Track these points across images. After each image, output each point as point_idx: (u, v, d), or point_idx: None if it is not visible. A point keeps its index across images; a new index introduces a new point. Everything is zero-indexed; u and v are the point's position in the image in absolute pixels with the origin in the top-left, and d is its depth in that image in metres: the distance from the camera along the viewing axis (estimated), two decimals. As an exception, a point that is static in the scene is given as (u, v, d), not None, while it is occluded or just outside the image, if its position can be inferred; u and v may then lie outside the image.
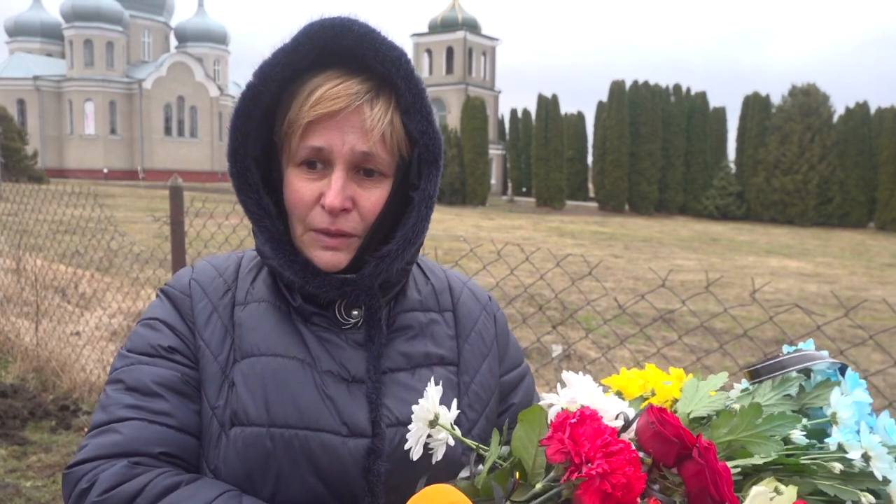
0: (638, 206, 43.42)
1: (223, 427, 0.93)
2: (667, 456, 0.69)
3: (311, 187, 0.94)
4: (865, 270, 16.60)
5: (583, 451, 0.65)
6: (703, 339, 6.86)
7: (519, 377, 1.14)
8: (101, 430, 0.92)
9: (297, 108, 0.93)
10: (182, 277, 1.05)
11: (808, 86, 41.95)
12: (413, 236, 0.97)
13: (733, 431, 0.75)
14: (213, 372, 0.96)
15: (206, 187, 39.50)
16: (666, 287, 2.33)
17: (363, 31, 0.92)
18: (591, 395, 0.78)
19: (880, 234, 35.30)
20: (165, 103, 55.40)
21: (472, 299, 1.13)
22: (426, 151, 0.95)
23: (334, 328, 0.99)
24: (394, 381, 0.98)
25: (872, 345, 6.74)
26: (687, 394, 0.84)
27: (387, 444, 0.93)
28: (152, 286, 5.53)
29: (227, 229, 4.15)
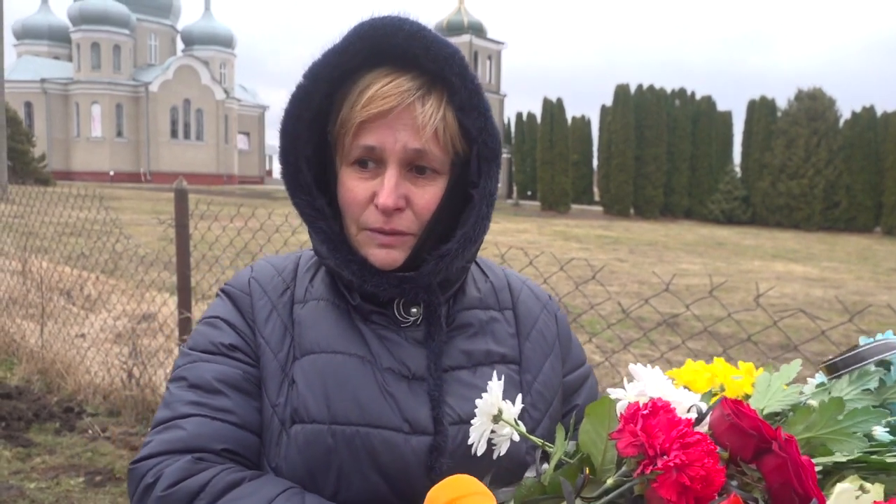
0: (643, 210, 43.35)
1: (284, 424, 0.93)
2: (744, 450, 0.65)
3: (364, 186, 0.93)
4: (872, 275, 16.53)
5: (657, 443, 0.62)
6: (707, 344, 6.84)
7: (582, 377, 1.13)
8: (164, 426, 0.93)
9: (348, 107, 0.93)
10: (242, 276, 1.06)
11: (815, 90, 41.84)
12: (474, 235, 0.96)
13: (812, 428, 0.71)
14: (273, 369, 0.96)
15: (212, 190, 39.58)
16: (670, 291, 2.32)
17: (414, 29, 0.91)
18: (661, 388, 0.75)
19: (887, 238, 35.15)
20: (171, 106, 55.58)
21: (531, 298, 1.12)
22: (485, 148, 0.94)
23: (393, 326, 0.99)
24: (455, 378, 0.97)
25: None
26: (759, 389, 0.81)
27: (449, 441, 0.93)
28: (157, 288, 5.54)
29: (231, 232, 4.16)
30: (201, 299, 4.67)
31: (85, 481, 3.75)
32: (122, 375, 4.75)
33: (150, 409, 4.51)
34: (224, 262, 4.49)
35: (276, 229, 3.84)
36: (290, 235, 3.86)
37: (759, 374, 0.84)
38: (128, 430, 4.38)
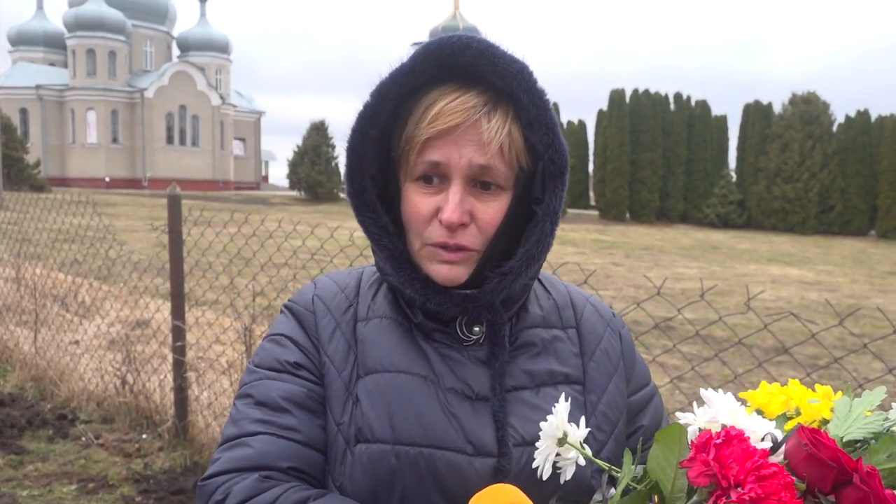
0: (639, 214, 43.40)
1: (348, 443, 0.93)
2: (823, 481, 0.63)
3: (428, 202, 0.93)
4: (867, 279, 16.56)
5: (731, 474, 0.60)
6: (703, 348, 6.84)
7: (647, 398, 1.10)
8: (232, 443, 0.94)
9: (413, 124, 0.93)
10: (305, 294, 1.06)
11: (809, 94, 41.96)
12: (537, 253, 0.94)
13: (895, 458, 0.68)
14: (337, 388, 0.96)
15: (208, 196, 39.56)
16: (661, 295, 2.32)
17: (482, 47, 0.91)
18: (734, 415, 0.72)
19: (881, 242, 35.24)
20: (167, 112, 55.54)
21: (595, 316, 1.10)
22: (552, 164, 0.93)
23: (456, 345, 0.98)
24: (518, 399, 0.96)
25: (873, 353, 6.73)
26: (839, 414, 0.77)
27: (514, 463, 0.91)
28: (151, 295, 5.53)
29: (224, 237, 4.15)
30: (195, 305, 4.66)
31: (77, 489, 3.73)
32: (116, 382, 4.73)
33: (143, 415, 4.50)
34: (217, 267, 4.48)
35: (270, 235, 3.83)
36: (283, 241, 3.85)
37: (837, 397, 0.81)
38: (121, 436, 4.37)
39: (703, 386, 3.07)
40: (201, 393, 4.31)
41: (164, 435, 4.23)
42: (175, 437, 4.20)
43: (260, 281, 4.21)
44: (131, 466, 3.97)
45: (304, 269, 3.87)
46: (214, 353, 4.55)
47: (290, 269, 3.97)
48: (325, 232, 3.71)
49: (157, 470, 3.94)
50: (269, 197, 48.62)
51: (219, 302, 4.97)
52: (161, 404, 4.51)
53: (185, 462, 4.01)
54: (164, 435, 4.23)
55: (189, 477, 3.86)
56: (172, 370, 4.25)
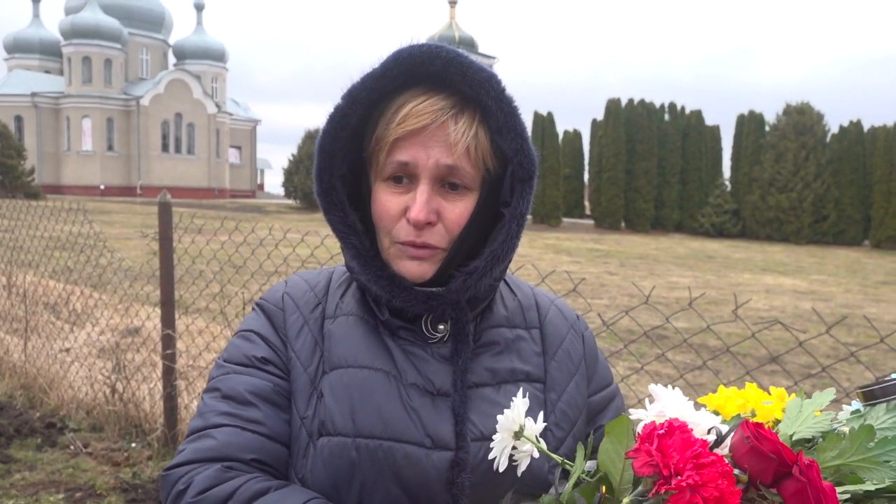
0: (634, 223, 43.51)
1: (311, 437, 0.96)
2: (764, 473, 0.65)
3: (396, 201, 0.96)
4: (860, 288, 16.61)
5: (671, 463, 0.63)
6: (696, 357, 6.84)
7: (608, 398, 1.13)
8: (197, 435, 0.96)
9: (383, 125, 0.96)
10: (276, 291, 1.09)
11: (803, 104, 42.21)
12: (502, 253, 0.97)
13: (842, 455, 0.71)
14: (302, 383, 0.99)
15: (203, 204, 39.54)
16: (652, 304, 2.33)
17: (450, 56, 0.94)
18: (680, 409, 0.76)
19: (875, 251, 35.37)
20: (163, 120, 55.56)
21: (559, 317, 1.13)
22: (520, 169, 0.96)
23: (420, 342, 1.01)
24: (479, 395, 0.99)
25: (867, 362, 6.73)
26: (790, 414, 0.80)
27: (471, 457, 0.94)
28: (142, 302, 5.51)
29: (215, 245, 4.14)
30: (185, 313, 4.65)
31: (65, 498, 3.70)
32: (106, 390, 4.70)
33: (133, 424, 4.47)
34: (208, 275, 4.46)
35: (261, 242, 3.82)
36: (273, 249, 3.84)
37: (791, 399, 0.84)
38: (110, 445, 4.33)
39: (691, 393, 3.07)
40: (191, 401, 4.28)
41: (154, 444, 4.20)
42: (164, 446, 4.17)
43: (250, 288, 4.20)
44: (120, 475, 3.94)
45: (295, 277, 3.86)
46: (205, 361, 4.53)
47: (281, 276, 3.95)
48: (317, 239, 3.70)
49: (145, 479, 3.91)
50: (264, 205, 48.63)
51: (209, 309, 4.96)
52: (151, 413, 4.48)
53: (174, 471, 3.98)
54: (153, 444, 4.20)
55: (178, 486, 3.83)
56: (162, 378, 4.23)
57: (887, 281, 18.99)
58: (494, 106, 0.94)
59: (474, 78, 0.93)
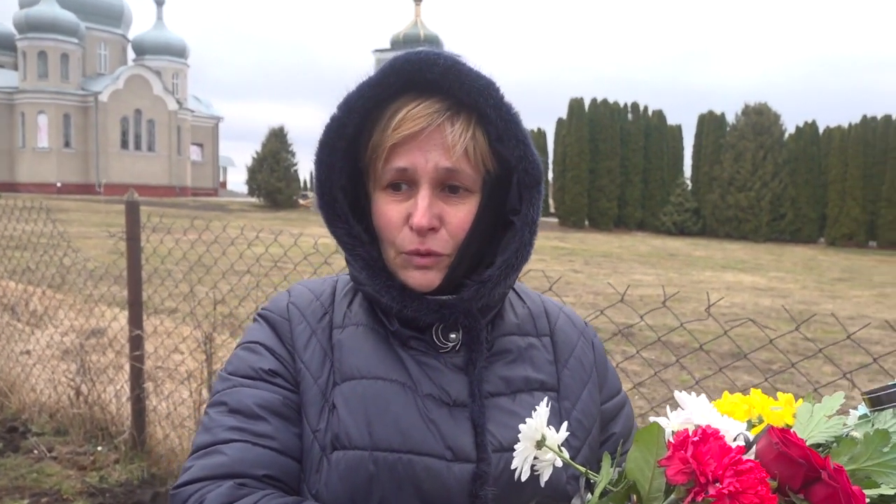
0: (597, 221, 43.99)
1: (324, 450, 0.93)
2: (793, 479, 0.64)
3: (398, 209, 0.94)
4: (816, 284, 17.05)
5: (709, 471, 0.62)
6: (661, 354, 6.96)
7: (619, 406, 1.12)
8: (205, 451, 0.92)
9: (379, 132, 0.94)
10: (280, 301, 1.06)
11: (761, 105, 43.15)
12: (516, 262, 0.96)
13: (856, 460, 0.70)
14: (313, 395, 0.96)
15: (164, 202, 38.87)
16: (624, 302, 2.36)
17: (448, 63, 0.92)
18: (707, 416, 0.74)
19: (830, 249, 36.33)
20: (122, 116, 54.47)
21: (569, 324, 1.11)
22: (526, 175, 0.94)
23: (432, 352, 0.98)
24: (495, 405, 0.96)
25: (824, 357, 6.92)
26: (802, 419, 0.80)
27: (492, 468, 0.92)
28: (107, 303, 5.41)
29: (185, 245, 4.09)
30: (153, 314, 4.58)
31: (29, 503, 3.62)
32: (70, 393, 4.60)
33: (98, 427, 4.39)
34: (177, 275, 4.40)
35: (232, 242, 3.79)
36: (246, 248, 3.81)
37: (799, 404, 0.84)
38: (76, 449, 4.25)
39: (663, 391, 3.16)
40: (159, 403, 4.22)
41: (121, 447, 4.13)
42: (132, 449, 4.11)
43: (221, 289, 4.16)
44: (86, 480, 3.87)
45: (267, 277, 3.83)
46: (173, 363, 4.47)
47: (253, 276, 3.92)
48: (289, 239, 3.68)
49: (113, 483, 3.85)
50: (227, 203, 48.00)
51: (178, 310, 4.89)
52: (117, 415, 4.41)
53: (142, 474, 3.93)
54: (120, 447, 4.14)
55: (147, 489, 3.78)
56: (130, 380, 4.16)
57: (842, 278, 19.52)
58: (493, 114, 0.92)
59: (472, 85, 0.91)
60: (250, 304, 4.09)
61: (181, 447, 3.96)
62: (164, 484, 3.82)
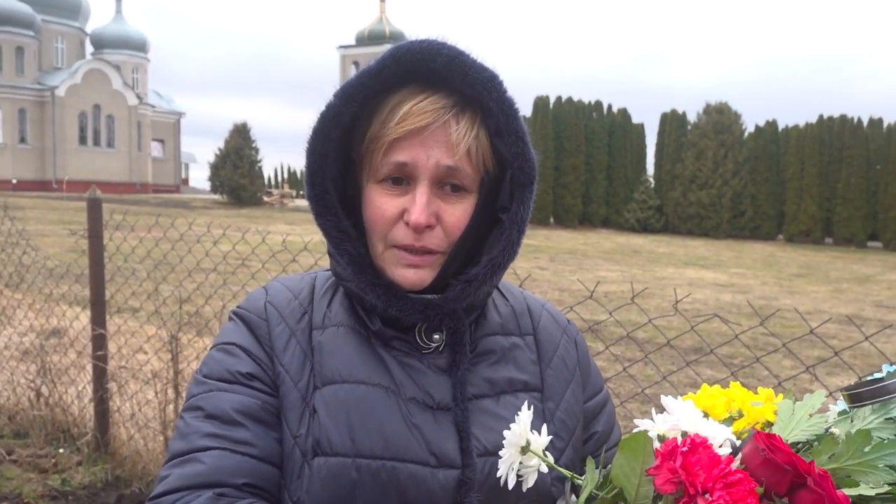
0: (562, 218, 44.34)
1: (305, 456, 0.90)
2: (779, 484, 0.64)
3: (393, 203, 0.92)
4: (776, 280, 17.43)
5: (698, 482, 0.61)
6: (626, 349, 7.05)
7: (601, 404, 1.10)
8: (182, 459, 0.89)
9: (378, 124, 0.91)
10: (256, 300, 1.02)
11: (721, 104, 43.90)
12: (503, 260, 0.94)
13: (837, 459, 0.70)
14: (293, 399, 0.93)
15: (125, 199, 38.09)
16: (594, 299, 2.40)
17: (452, 54, 0.90)
18: (695, 422, 0.73)
19: (788, 245, 37.18)
20: (80, 112, 53.25)
21: (552, 323, 1.09)
22: (521, 173, 0.93)
23: (415, 353, 0.96)
24: (479, 408, 0.95)
25: (783, 352, 7.09)
26: (783, 417, 0.79)
27: (477, 474, 0.90)
28: (67, 302, 5.29)
29: (148, 243, 4.02)
30: (116, 313, 4.49)
31: (-11, 508, 3.54)
32: (30, 394, 4.50)
33: (60, 429, 4.30)
34: (141, 273, 4.33)
35: (198, 239, 3.74)
36: (212, 246, 3.76)
37: (779, 400, 0.83)
38: (36, 451, 4.16)
39: (628, 386, 3.21)
40: (123, 404, 4.15)
41: (84, 449, 4.05)
42: (95, 451, 4.03)
43: (187, 287, 4.10)
44: (48, 483, 3.79)
45: (234, 275, 3.79)
46: (138, 363, 4.39)
47: (220, 274, 3.88)
48: (257, 237, 3.64)
49: (76, 485, 3.78)
50: (189, 200, 47.26)
51: (142, 309, 4.81)
52: (80, 416, 4.32)
53: (106, 476, 3.86)
54: (83, 449, 4.06)
55: (111, 491, 3.71)
56: (93, 381, 4.08)
57: (800, 273, 19.99)
58: (496, 107, 0.90)
59: (476, 78, 0.89)
60: (217, 302, 4.04)
61: (146, 448, 3.90)
62: (129, 486, 3.76)
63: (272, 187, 65.06)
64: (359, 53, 58.73)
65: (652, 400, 3.13)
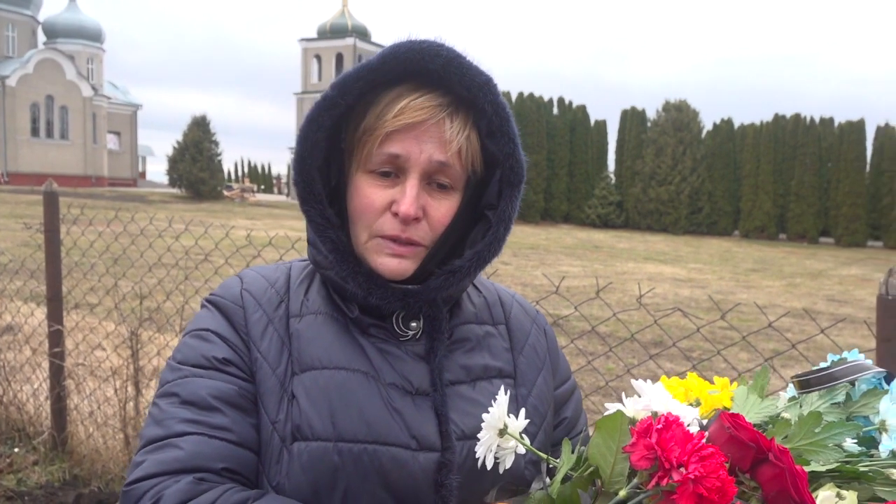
0: (525, 214, 44.61)
1: (284, 442, 0.92)
2: (743, 461, 0.68)
3: (382, 194, 0.94)
4: (732, 275, 17.81)
5: (673, 456, 0.64)
6: (588, 343, 7.14)
7: (570, 391, 1.15)
8: (158, 445, 0.89)
9: (374, 116, 0.94)
10: (232, 288, 1.03)
11: (680, 102, 44.64)
12: (488, 255, 0.97)
13: (790, 440, 0.75)
14: (271, 385, 0.94)
15: (80, 192, 37.17)
16: (558, 294, 2.43)
17: (451, 55, 0.93)
18: (666, 403, 0.78)
19: (744, 241, 38.02)
20: (32, 102, 51.75)
21: (522, 313, 1.13)
22: (511, 173, 0.96)
23: (393, 340, 0.98)
24: (456, 393, 0.98)
25: (741, 344, 7.26)
26: (738, 402, 0.84)
27: (457, 456, 0.93)
28: (22, 298, 5.16)
29: (107, 237, 3.94)
30: (73, 309, 4.40)
31: (-59, 510, 3.44)
32: (-17, 393, 4.38)
33: (15, 427, 4.20)
34: (99, 269, 4.24)
35: (160, 234, 3.67)
36: (174, 241, 3.71)
37: (733, 388, 0.88)
38: (-10, 451, 4.05)
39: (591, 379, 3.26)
40: (81, 402, 4.07)
41: (40, 448, 3.96)
42: (52, 450, 3.95)
43: (147, 283, 4.03)
44: (3, 483, 3.70)
45: (197, 270, 3.74)
46: (96, 360, 4.31)
47: (181, 270, 3.82)
48: (220, 232, 3.60)
49: (32, 485, 3.69)
50: (147, 194, 46.34)
51: (101, 305, 4.71)
52: (35, 415, 4.22)
53: (63, 476, 3.78)
54: (39, 448, 3.97)
55: (69, 491, 3.64)
56: (50, 378, 3.99)
57: (755, 268, 20.46)
58: (490, 110, 0.94)
59: (473, 80, 0.93)
60: (179, 298, 3.98)
61: (105, 446, 3.83)
62: (88, 485, 3.69)
63: (232, 181, 64.15)
64: (321, 47, 58.14)
65: (615, 393, 3.19)
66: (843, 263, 24.68)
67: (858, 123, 40.12)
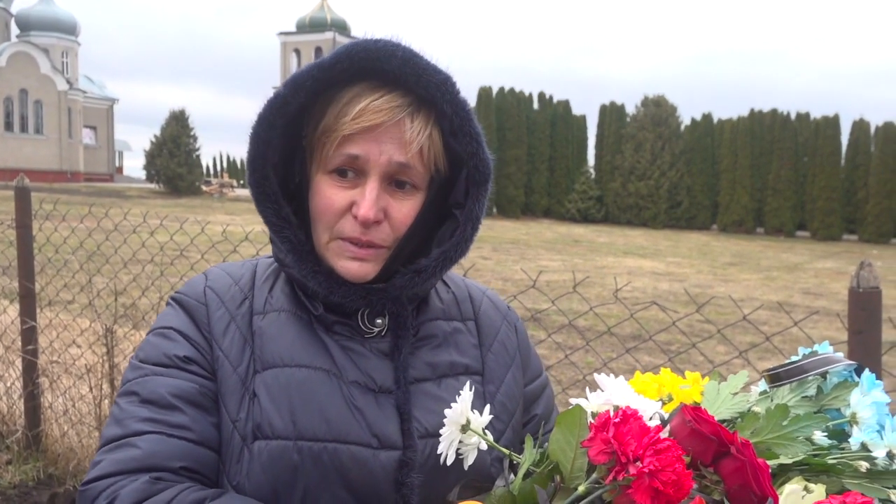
0: (505, 209, 44.73)
1: (245, 440, 0.91)
2: (705, 454, 0.68)
3: (342, 195, 0.93)
4: (710, 269, 17.98)
5: (629, 450, 0.64)
6: (567, 337, 7.17)
7: (541, 387, 1.13)
8: (116, 444, 0.88)
9: (332, 116, 0.92)
10: (196, 285, 1.02)
11: (659, 97, 44.96)
12: (455, 255, 0.97)
13: (759, 433, 0.75)
14: (232, 383, 0.93)
15: (55, 188, 36.66)
16: (536, 288, 2.43)
17: (407, 55, 0.91)
18: (626, 397, 0.78)
19: (722, 235, 38.40)
20: (5, 97, 50.95)
21: (492, 309, 1.12)
22: (476, 172, 0.95)
23: (357, 337, 0.97)
24: (420, 391, 0.96)
25: (718, 338, 7.33)
26: (709, 396, 0.84)
27: (419, 455, 0.92)
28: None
29: (81, 233, 3.88)
30: (47, 306, 4.34)
31: (-89, 511, 3.38)
32: (-46, 392, 4.31)
33: (-12, 427, 4.14)
34: (73, 265, 4.18)
35: (134, 230, 3.63)
36: (149, 237, 3.66)
37: (704, 382, 0.88)
38: (-38, 451, 3.99)
39: (570, 373, 3.27)
40: (55, 400, 4.02)
41: (14, 447, 3.91)
42: (26, 449, 3.89)
43: (122, 279, 3.98)
44: (-25, 483, 3.64)
45: (172, 266, 3.70)
46: (70, 357, 4.25)
47: (157, 266, 3.78)
48: (195, 227, 3.56)
49: (5, 485, 3.64)
50: (124, 189, 45.81)
51: (75, 302, 4.65)
52: (8, 414, 4.16)
53: (37, 475, 3.73)
54: (12, 447, 3.91)
55: (44, 490, 3.59)
56: (23, 376, 3.93)
57: (733, 262, 20.67)
58: (449, 109, 0.93)
59: (430, 80, 0.92)
60: (154, 294, 3.93)
61: (80, 445, 3.79)
62: (63, 484, 3.64)
63: (211, 176, 63.61)
64: (300, 41, 57.79)
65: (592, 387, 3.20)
66: (818, 257, 25.02)
67: (834, 119, 40.63)
